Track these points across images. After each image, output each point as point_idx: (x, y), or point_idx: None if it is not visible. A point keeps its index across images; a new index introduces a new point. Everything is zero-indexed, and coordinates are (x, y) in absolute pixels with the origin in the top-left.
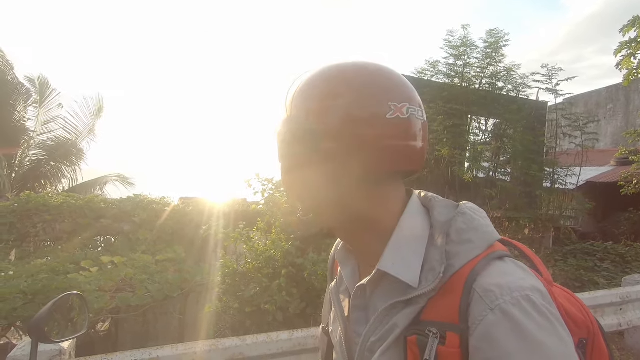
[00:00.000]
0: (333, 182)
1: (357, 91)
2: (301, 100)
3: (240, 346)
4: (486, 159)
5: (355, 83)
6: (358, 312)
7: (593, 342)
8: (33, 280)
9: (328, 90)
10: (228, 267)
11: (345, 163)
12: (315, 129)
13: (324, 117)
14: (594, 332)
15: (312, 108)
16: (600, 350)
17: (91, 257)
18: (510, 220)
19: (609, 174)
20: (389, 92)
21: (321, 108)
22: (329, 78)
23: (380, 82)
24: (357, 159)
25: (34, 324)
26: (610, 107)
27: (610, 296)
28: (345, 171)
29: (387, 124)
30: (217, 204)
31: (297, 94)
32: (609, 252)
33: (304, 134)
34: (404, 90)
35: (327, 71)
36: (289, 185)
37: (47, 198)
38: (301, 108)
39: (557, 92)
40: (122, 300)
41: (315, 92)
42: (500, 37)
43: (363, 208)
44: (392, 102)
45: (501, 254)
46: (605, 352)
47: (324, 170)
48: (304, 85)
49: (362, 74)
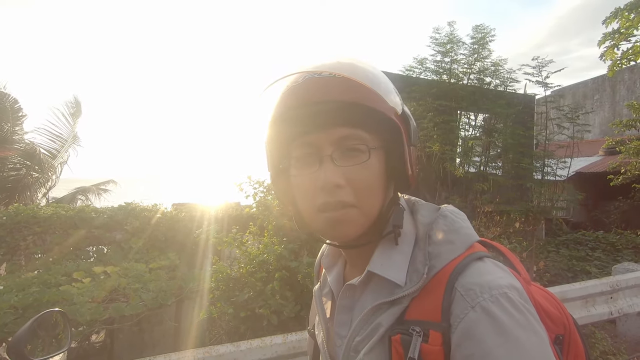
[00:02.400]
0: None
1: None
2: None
3: (234, 352)
4: (477, 153)
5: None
6: (343, 313)
7: (569, 337)
8: (24, 294)
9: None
10: (221, 272)
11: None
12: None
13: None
14: (570, 328)
15: None
16: (576, 345)
17: (83, 267)
18: (502, 214)
19: (597, 164)
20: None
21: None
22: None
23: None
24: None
25: (13, 344)
26: (596, 98)
27: (601, 285)
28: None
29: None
30: (209, 208)
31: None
32: (600, 241)
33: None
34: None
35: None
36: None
37: (37, 210)
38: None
39: (546, 84)
40: (116, 311)
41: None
42: (486, 32)
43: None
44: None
45: (481, 254)
46: (580, 347)
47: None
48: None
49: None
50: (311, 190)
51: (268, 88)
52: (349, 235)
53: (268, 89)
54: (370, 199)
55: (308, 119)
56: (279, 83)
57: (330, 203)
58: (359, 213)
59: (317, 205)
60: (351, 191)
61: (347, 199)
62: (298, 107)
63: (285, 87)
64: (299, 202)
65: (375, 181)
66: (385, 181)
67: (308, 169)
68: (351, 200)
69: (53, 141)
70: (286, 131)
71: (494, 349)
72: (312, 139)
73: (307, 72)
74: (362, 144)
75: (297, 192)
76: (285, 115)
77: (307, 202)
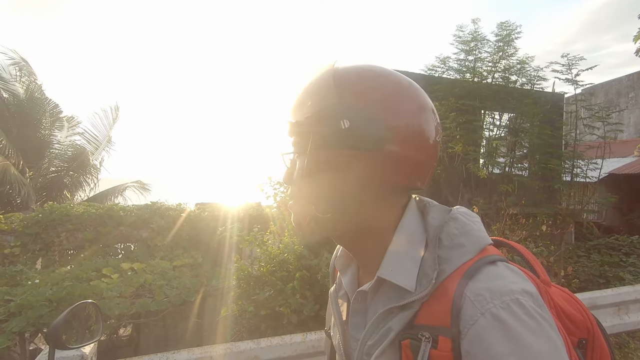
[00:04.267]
0: (339, 190)
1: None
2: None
3: (254, 349)
4: (502, 154)
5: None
6: (357, 316)
7: (593, 342)
8: (57, 288)
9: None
10: (243, 270)
11: (356, 173)
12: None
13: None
14: (594, 332)
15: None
16: (601, 350)
17: (112, 264)
18: (528, 216)
19: (632, 165)
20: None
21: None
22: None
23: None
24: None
25: (51, 332)
26: (632, 95)
27: (635, 292)
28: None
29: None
30: (231, 208)
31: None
32: (635, 246)
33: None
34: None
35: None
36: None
37: (69, 208)
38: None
39: (577, 82)
40: (142, 306)
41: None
42: (512, 29)
43: (367, 216)
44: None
45: (493, 258)
46: (606, 351)
47: (331, 178)
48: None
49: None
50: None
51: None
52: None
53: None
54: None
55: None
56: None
57: None
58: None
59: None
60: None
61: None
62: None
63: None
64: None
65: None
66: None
67: None
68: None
69: (89, 143)
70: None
71: (504, 357)
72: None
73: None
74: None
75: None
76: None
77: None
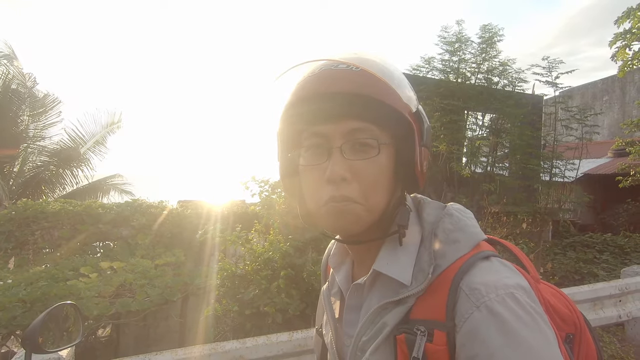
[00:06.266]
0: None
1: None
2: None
3: (240, 349)
4: (484, 154)
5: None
6: (351, 313)
7: (580, 337)
8: (32, 288)
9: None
10: (226, 269)
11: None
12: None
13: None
14: (581, 327)
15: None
16: (587, 344)
17: (90, 263)
18: (509, 215)
19: (606, 165)
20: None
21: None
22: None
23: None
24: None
25: (28, 335)
26: (606, 99)
27: (609, 288)
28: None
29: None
30: (215, 206)
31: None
32: (608, 243)
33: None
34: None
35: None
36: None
37: (45, 205)
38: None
39: (556, 84)
40: (122, 306)
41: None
42: (494, 32)
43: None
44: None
45: (487, 253)
46: (592, 346)
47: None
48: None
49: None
50: (318, 182)
51: (281, 76)
52: (351, 230)
53: (282, 76)
54: (375, 196)
55: (320, 109)
56: (295, 72)
57: (336, 197)
58: (363, 209)
59: (324, 199)
60: (357, 186)
61: (351, 195)
62: (312, 96)
63: (302, 77)
64: (306, 194)
65: (382, 178)
66: (393, 179)
67: (317, 159)
68: (355, 197)
69: (73, 140)
70: (298, 121)
71: (498, 350)
72: (323, 130)
73: (324, 63)
74: (373, 139)
75: (304, 183)
76: (298, 104)
77: (313, 193)
